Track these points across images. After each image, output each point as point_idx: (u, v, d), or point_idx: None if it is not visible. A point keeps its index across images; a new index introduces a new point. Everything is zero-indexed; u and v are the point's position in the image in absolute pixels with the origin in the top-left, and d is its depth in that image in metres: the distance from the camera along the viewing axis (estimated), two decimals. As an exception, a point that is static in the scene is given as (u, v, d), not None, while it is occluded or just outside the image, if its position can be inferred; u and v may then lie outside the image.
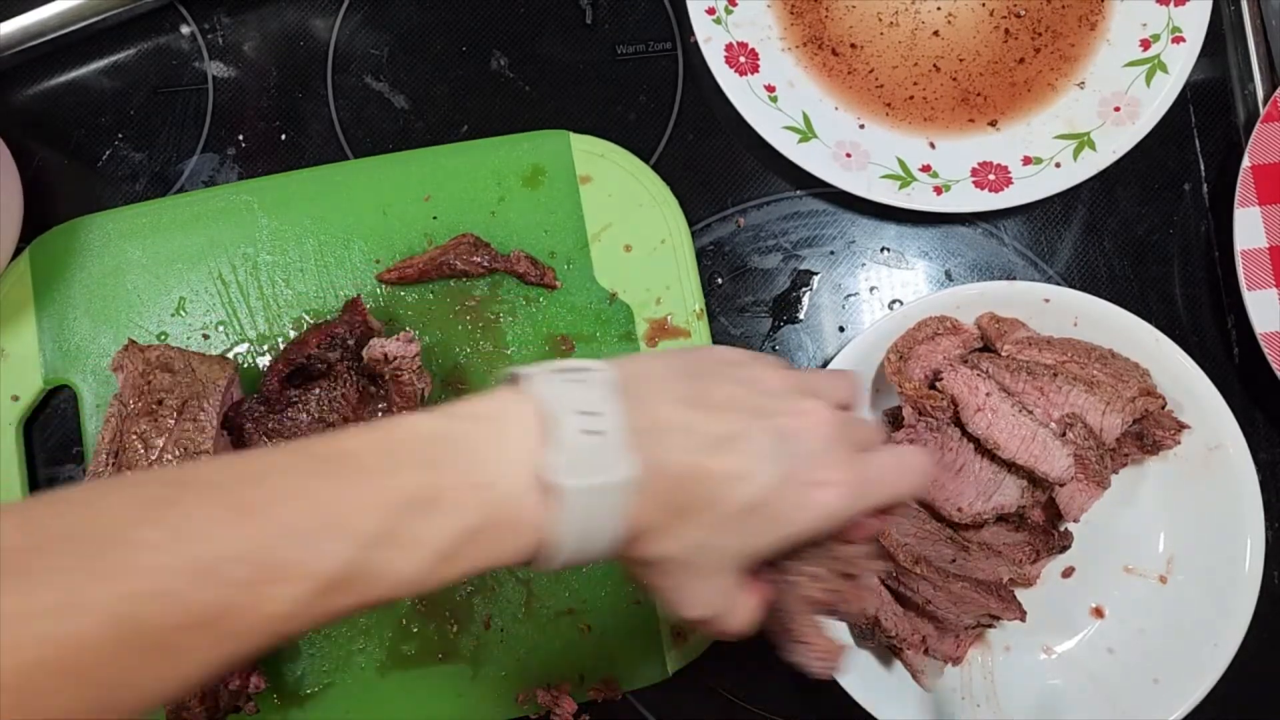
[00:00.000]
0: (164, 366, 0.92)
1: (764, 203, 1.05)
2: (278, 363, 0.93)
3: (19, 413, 0.99)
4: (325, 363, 0.92)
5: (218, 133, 1.07)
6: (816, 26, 1.05)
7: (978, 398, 0.89)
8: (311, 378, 0.92)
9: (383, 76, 1.08)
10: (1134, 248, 1.05)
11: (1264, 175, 0.99)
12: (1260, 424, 1.02)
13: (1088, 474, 0.88)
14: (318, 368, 0.92)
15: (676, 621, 0.95)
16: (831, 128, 1.02)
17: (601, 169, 1.01)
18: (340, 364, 0.92)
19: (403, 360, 0.91)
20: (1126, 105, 1.00)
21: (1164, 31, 1.01)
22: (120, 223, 1.02)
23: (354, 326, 0.93)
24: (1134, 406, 0.89)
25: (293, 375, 0.92)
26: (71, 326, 1.00)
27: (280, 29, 1.09)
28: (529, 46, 1.08)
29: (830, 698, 0.91)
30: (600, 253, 1.01)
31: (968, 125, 1.03)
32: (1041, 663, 0.96)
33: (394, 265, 1.00)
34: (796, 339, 1.04)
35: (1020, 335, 0.93)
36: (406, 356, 0.91)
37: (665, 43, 1.08)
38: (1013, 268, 1.05)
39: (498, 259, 0.98)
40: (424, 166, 1.02)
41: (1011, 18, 1.04)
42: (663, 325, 0.99)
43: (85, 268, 1.01)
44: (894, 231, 1.05)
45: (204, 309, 1.00)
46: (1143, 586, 0.96)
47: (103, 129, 1.07)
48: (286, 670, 0.96)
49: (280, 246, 1.01)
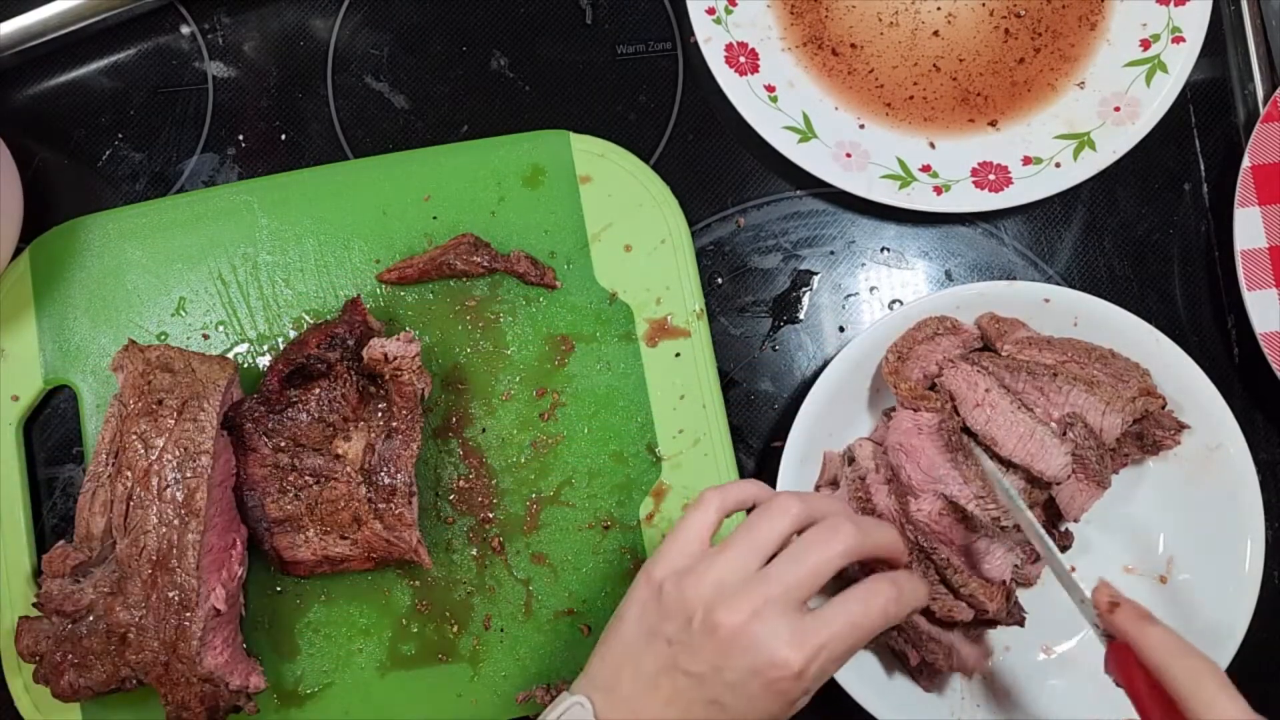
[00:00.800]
0: (164, 366, 0.92)
1: (764, 203, 1.05)
2: (278, 363, 0.93)
3: (19, 413, 0.99)
4: (325, 363, 0.92)
5: (218, 133, 1.07)
6: (816, 26, 1.05)
7: (977, 393, 0.89)
8: (311, 378, 0.92)
9: (383, 76, 1.08)
10: (1134, 248, 1.04)
11: (1264, 175, 0.99)
12: (1260, 424, 1.02)
13: (1088, 474, 0.88)
14: (318, 368, 0.92)
15: None
16: (831, 128, 1.02)
17: (602, 169, 1.01)
18: (340, 364, 0.92)
19: (403, 360, 0.91)
20: (1126, 105, 1.00)
21: (1164, 31, 1.01)
22: (120, 223, 1.02)
23: (354, 326, 0.93)
24: (1134, 406, 0.89)
25: (293, 375, 0.92)
26: (71, 326, 1.00)
27: (280, 29, 1.09)
28: (529, 46, 1.08)
29: (830, 698, 0.91)
30: (600, 253, 1.01)
31: (968, 125, 1.03)
32: (1041, 663, 0.96)
33: (394, 265, 1.00)
34: (796, 339, 1.04)
35: (1020, 335, 0.93)
36: (406, 356, 0.91)
37: (665, 43, 1.08)
38: (1013, 268, 1.04)
39: (498, 259, 0.98)
40: (424, 167, 1.02)
41: (1011, 18, 1.04)
42: (663, 325, 0.99)
43: (85, 268, 1.01)
44: (894, 231, 1.05)
45: (204, 309, 1.00)
46: (1143, 586, 0.96)
47: (103, 129, 1.07)
48: (286, 670, 0.96)
49: (280, 246, 1.01)
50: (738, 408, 1.03)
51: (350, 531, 0.92)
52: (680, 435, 0.98)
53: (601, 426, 0.98)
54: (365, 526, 0.91)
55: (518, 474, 0.98)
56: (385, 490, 0.91)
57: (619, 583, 0.96)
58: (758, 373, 1.03)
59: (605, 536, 0.97)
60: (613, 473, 0.98)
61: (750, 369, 1.03)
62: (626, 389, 0.99)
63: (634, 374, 0.99)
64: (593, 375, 0.99)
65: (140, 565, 0.88)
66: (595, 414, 0.99)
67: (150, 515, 0.89)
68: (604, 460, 0.98)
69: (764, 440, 1.03)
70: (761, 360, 1.03)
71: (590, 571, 0.97)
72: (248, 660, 0.94)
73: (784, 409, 1.03)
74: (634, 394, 0.99)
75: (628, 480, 0.98)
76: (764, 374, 1.03)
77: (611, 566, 0.97)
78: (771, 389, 1.03)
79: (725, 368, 1.03)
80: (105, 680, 0.89)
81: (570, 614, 0.97)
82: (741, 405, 1.03)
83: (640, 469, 0.98)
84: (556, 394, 0.99)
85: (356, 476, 0.91)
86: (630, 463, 0.98)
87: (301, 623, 0.97)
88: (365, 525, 0.91)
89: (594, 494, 0.98)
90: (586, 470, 0.98)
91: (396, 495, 0.91)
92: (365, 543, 0.92)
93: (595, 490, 0.98)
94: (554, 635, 0.96)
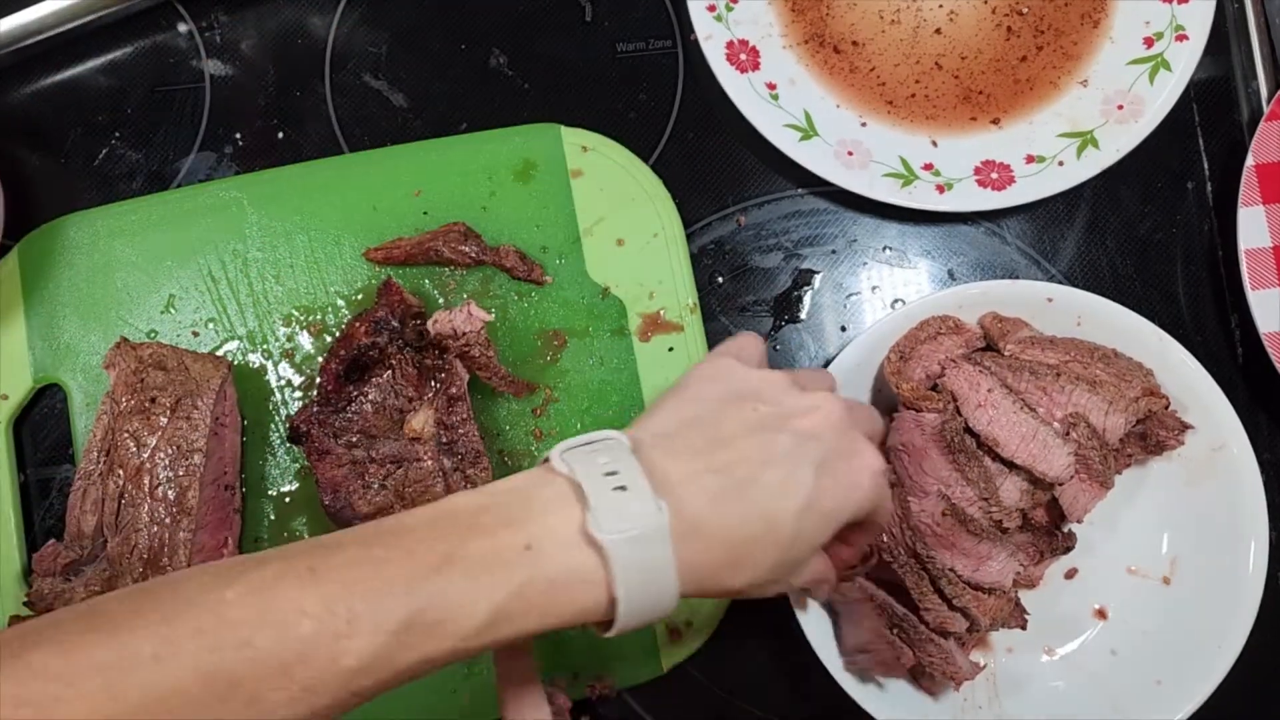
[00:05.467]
0: (157, 364, 0.92)
1: (765, 201, 1.05)
2: (329, 362, 0.91)
3: (8, 412, 0.99)
4: (378, 348, 0.91)
5: (215, 131, 1.07)
6: (818, 24, 1.04)
7: (979, 394, 0.88)
8: (367, 368, 0.91)
9: (381, 74, 1.07)
10: (1137, 247, 1.04)
11: (1268, 174, 0.98)
12: (1264, 424, 1.01)
13: (1091, 474, 0.87)
14: (371, 356, 0.91)
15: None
16: (833, 126, 1.01)
17: (593, 163, 1.01)
18: (391, 347, 0.91)
19: (471, 335, 0.91)
20: (1130, 103, 1.00)
21: (1167, 29, 1.01)
22: (109, 220, 1.01)
23: (394, 307, 0.92)
24: (1137, 406, 0.88)
25: (349, 371, 0.91)
26: (60, 324, 1.00)
27: (278, 27, 1.08)
28: (528, 44, 1.08)
29: (828, 697, 0.91)
30: (592, 247, 1.00)
31: (970, 123, 1.03)
32: (1044, 664, 0.96)
33: (381, 245, 0.99)
34: (798, 339, 1.03)
35: (1023, 335, 0.93)
36: (474, 330, 0.91)
37: (665, 40, 1.07)
38: (1015, 267, 1.04)
39: (486, 251, 0.98)
40: (414, 161, 1.02)
41: (1014, 15, 1.04)
42: (656, 319, 0.98)
43: (74, 265, 1.00)
44: (896, 230, 1.04)
45: (193, 306, 1.00)
46: (1146, 587, 0.95)
47: (99, 127, 1.07)
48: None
49: (270, 243, 1.00)
50: (737, 408, 1.02)
51: None
52: (675, 431, 0.97)
53: (594, 421, 0.98)
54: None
55: (511, 469, 0.97)
56: (470, 456, 0.92)
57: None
58: (757, 373, 1.02)
59: (599, 532, 0.96)
60: (607, 469, 0.97)
61: (750, 369, 1.02)
62: (619, 384, 0.98)
63: (627, 369, 0.98)
64: (585, 370, 0.98)
65: (132, 563, 0.88)
66: (588, 409, 0.98)
67: (142, 513, 0.89)
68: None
69: (763, 441, 1.02)
70: (761, 360, 1.03)
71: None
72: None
73: (784, 409, 1.02)
74: (627, 389, 0.98)
75: (623, 477, 0.97)
76: (764, 374, 1.02)
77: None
78: (771, 389, 1.02)
79: (725, 367, 1.02)
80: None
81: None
82: (740, 405, 1.02)
83: (635, 466, 0.97)
84: (549, 389, 0.98)
85: (435, 451, 0.91)
86: (625, 459, 0.97)
87: (294, 621, 0.96)
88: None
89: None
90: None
91: (481, 457, 0.92)
92: None
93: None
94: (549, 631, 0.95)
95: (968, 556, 0.87)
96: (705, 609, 0.95)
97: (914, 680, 0.92)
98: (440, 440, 0.92)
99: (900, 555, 0.87)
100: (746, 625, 0.99)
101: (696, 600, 0.95)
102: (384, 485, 0.91)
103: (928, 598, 0.87)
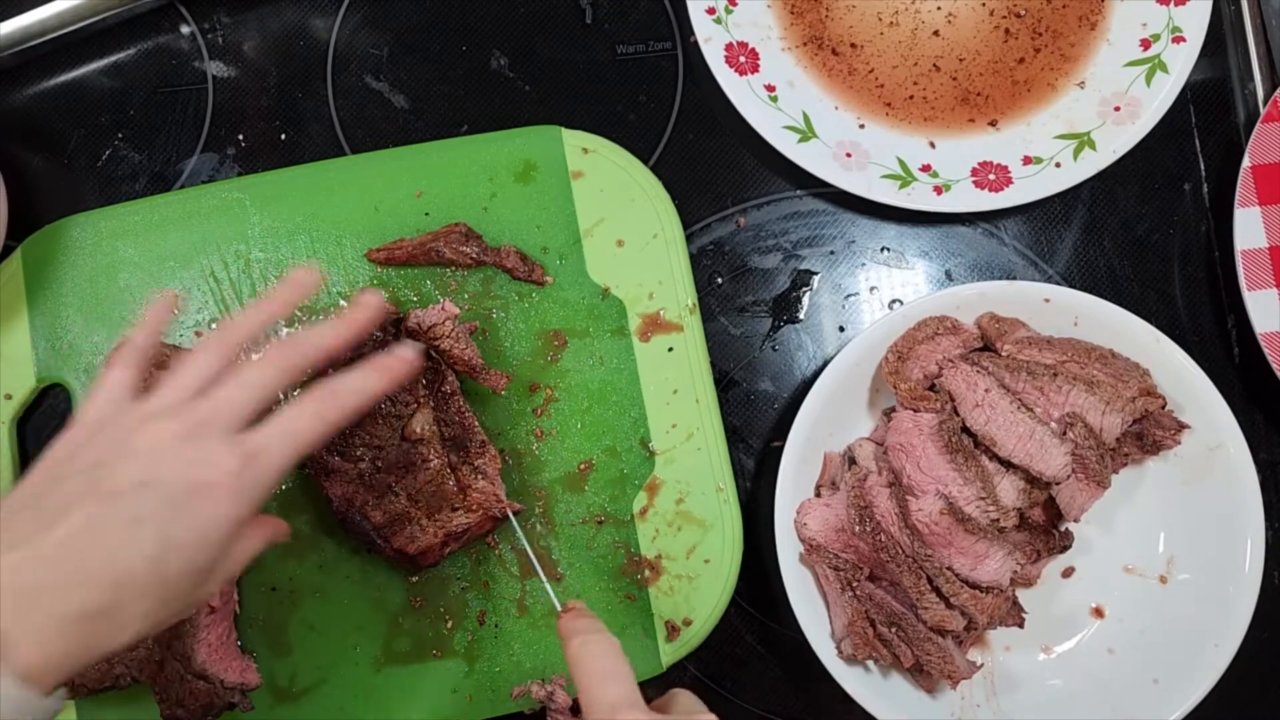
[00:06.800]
0: (159, 365, 0.92)
1: (764, 202, 1.05)
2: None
3: (12, 412, 0.99)
4: (363, 359, 0.91)
5: (217, 132, 1.07)
6: (817, 26, 1.05)
7: (976, 393, 0.89)
8: None
9: (382, 76, 1.08)
10: (1134, 247, 1.04)
11: (1264, 175, 0.99)
12: (1260, 424, 1.02)
13: (1088, 474, 0.87)
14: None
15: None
16: (832, 127, 1.02)
17: (593, 164, 1.01)
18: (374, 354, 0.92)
19: (437, 327, 0.92)
20: (1127, 105, 1.00)
21: (1164, 31, 1.01)
22: (112, 221, 1.01)
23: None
24: (1134, 406, 0.89)
25: None
26: (64, 325, 1.00)
27: (280, 29, 1.09)
28: (529, 46, 1.08)
29: (827, 696, 0.91)
30: (593, 248, 1.00)
31: (968, 125, 1.03)
32: (1041, 663, 0.96)
33: (383, 245, 0.99)
34: (797, 339, 1.03)
35: (1020, 335, 0.93)
36: (439, 323, 0.92)
37: (665, 42, 1.08)
38: (1013, 267, 1.04)
39: (487, 251, 0.98)
40: (416, 163, 1.02)
41: (1012, 17, 1.04)
42: (655, 320, 0.99)
43: (77, 266, 1.01)
44: (894, 231, 1.05)
45: (196, 306, 1.00)
46: (1143, 586, 0.96)
47: (102, 129, 1.07)
48: (281, 667, 0.96)
49: (272, 243, 1.01)
50: (737, 408, 1.02)
51: (459, 502, 0.92)
52: (673, 430, 0.97)
53: (595, 421, 0.98)
54: (472, 490, 0.92)
55: (513, 469, 0.98)
56: (475, 446, 0.93)
57: (613, 577, 0.96)
58: (757, 373, 1.03)
59: (599, 531, 0.97)
60: (606, 467, 0.98)
61: (750, 369, 1.03)
62: (619, 384, 0.98)
63: (627, 369, 0.99)
64: (585, 370, 0.99)
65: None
66: (588, 409, 0.98)
67: (144, 513, 0.89)
68: (597, 455, 0.98)
69: (764, 440, 1.02)
70: (761, 360, 1.03)
71: (585, 565, 0.97)
72: (242, 657, 0.93)
73: (784, 409, 1.02)
74: (627, 389, 0.98)
75: (621, 475, 0.97)
76: (764, 374, 1.03)
77: (605, 561, 0.96)
78: (771, 389, 1.03)
79: (725, 368, 1.03)
80: (99, 678, 0.89)
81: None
82: (741, 405, 1.02)
83: (633, 464, 0.97)
84: (550, 389, 0.99)
85: (441, 449, 0.92)
86: (623, 458, 0.98)
87: (296, 619, 0.96)
88: (472, 489, 0.92)
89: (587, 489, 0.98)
90: (580, 465, 0.98)
91: (487, 446, 0.93)
92: (478, 505, 0.92)
93: (589, 485, 0.98)
94: (549, 630, 0.96)
95: (965, 555, 0.88)
96: (705, 609, 0.96)
97: (914, 677, 0.93)
98: (443, 437, 0.92)
99: (898, 554, 0.87)
100: (746, 624, 0.99)
101: (696, 599, 0.96)
102: (395, 492, 0.92)
103: (925, 596, 0.87)
